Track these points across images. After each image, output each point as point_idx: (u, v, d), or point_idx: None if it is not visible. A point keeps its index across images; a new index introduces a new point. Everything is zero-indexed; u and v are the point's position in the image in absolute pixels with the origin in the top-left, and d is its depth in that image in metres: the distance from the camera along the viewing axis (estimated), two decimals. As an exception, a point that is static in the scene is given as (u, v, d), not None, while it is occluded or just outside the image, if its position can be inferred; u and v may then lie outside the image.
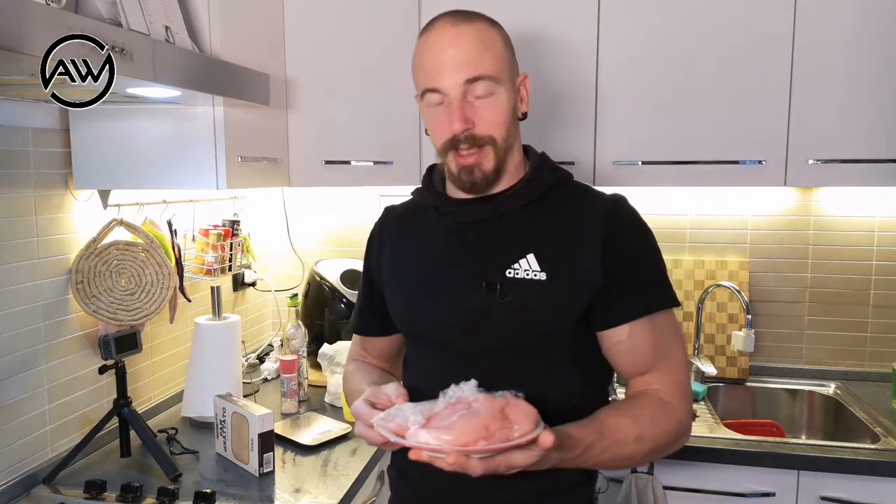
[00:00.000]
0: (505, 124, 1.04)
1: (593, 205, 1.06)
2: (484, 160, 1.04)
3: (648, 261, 1.06)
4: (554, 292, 1.02)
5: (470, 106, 1.02)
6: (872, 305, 2.05)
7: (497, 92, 1.03)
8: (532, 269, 1.03)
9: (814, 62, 1.71)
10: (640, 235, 1.07)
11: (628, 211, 1.08)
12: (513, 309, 1.03)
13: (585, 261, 1.02)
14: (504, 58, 1.05)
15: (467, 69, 1.01)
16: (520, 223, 1.07)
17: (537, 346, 1.05)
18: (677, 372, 1.05)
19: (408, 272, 1.16)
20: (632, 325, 1.03)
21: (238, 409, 1.46)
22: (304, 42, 1.82)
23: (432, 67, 1.04)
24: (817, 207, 2.07)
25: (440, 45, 1.03)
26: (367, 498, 1.53)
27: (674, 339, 1.06)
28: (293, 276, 2.36)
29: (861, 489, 1.54)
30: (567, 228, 1.05)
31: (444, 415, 0.87)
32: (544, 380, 1.04)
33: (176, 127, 1.44)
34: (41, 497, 1.36)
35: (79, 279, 1.48)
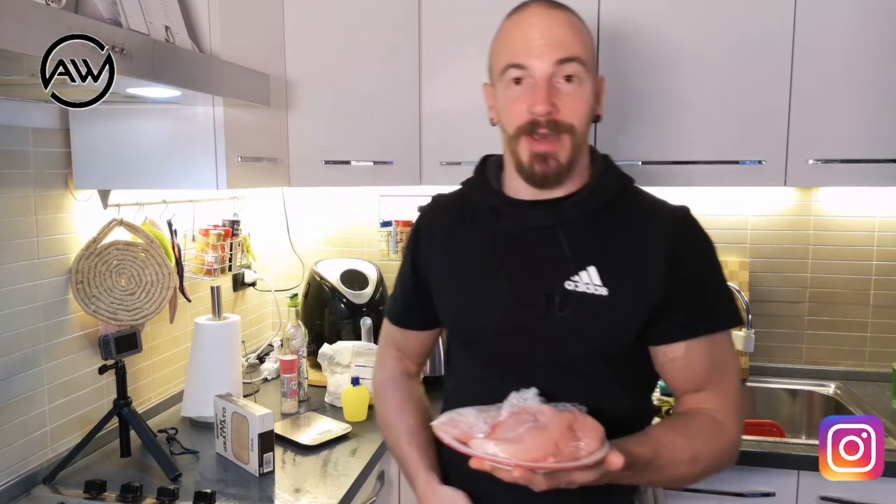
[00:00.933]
0: (586, 116, 1.00)
1: (660, 217, 1.03)
2: (560, 150, 0.98)
3: (713, 278, 1.03)
4: (614, 309, 0.99)
5: (556, 91, 0.98)
6: (872, 305, 2.05)
7: (584, 80, 0.99)
8: (593, 282, 0.99)
9: (814, 62, 1.71)
10: (706, 251, 1.04)
11: (696, 225, 1.04)
12: (570, 324, 0.99)
13: (649, 276, 0.99)
14: (592, 51, 1.02)
15: (560, 49, 0.97)
16: (582, 232, 1.02)
17: (591, 362, 1.02)
18: (731, 392, 1.02)
19: (461, 274, 1.10)
20: (688, 343, 1.00)
21: (238, 409, 1.46)
22: (304, 42, 1.81)
23: (521, 43, 0.99)
24: (817, 207, 2.07)
25: (533, 23, 0.99)
26: (367, 498, 1.53)
27: (730, 358, 1.03)
28: (293, 276, 2.36)
29: (861, 489, 1.54)
30: (632, 241, 1.01)
31: (509, 425, 0.85)
32: (592, 394, 0.99)
33: (176, 127, 1.44)
34: (41, 497, 1.36)
35: (79, 279, 1.48)
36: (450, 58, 1.89)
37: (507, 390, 0.96)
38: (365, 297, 2.13)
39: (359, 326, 2.07)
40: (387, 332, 1.28)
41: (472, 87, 1.89)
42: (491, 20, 1.85)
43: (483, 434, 0.84)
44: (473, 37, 1.89)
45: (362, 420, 1.74)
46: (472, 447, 0.84)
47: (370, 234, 2.32)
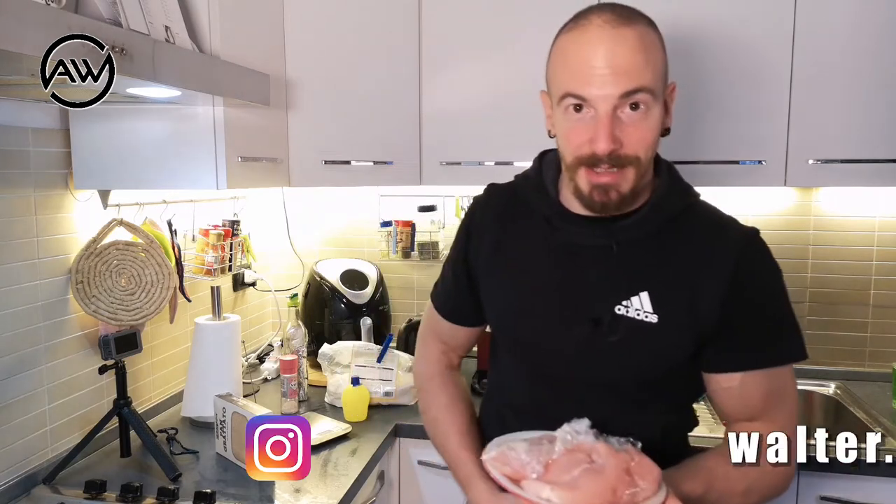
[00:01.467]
0: (653, 143, 0.92)
1: (724, 240, 0.96)
2: (622, 181, 0.91)
3: (777, 307, 0.97)
4: (662, 337, 0.95)
5: (619, 123, 0.88)
6: (872, 305, 2.05)
7: (651, 108, 0.90)
8: (644, 309, 0.95)
9: (814, 62, 1.71)
10: (771, 279, 0.97)
11: (763, 250, 0.97)
12: (617, 350, 0.96)
13: (704, 302, 0.94)
14: (664, 67, 0.92)
15: (626, 80, 0.87)
16: (637, 255, 0.97)
17: (635, 386, 1.00)
18: (787, 423, 0.96)
19: (510, 279, 1.06)
20: (749, 374, 0.95)
21: (238, 409, 1.46)
22: (304, 42, 1.81)
23: (581, 72, 0.88)
24: (817, 207, 2.07)
25: (596, 46, 0.88)
26: (366, 498, 1.53)
27: (789, 389, 0.99)
28: (293, 276, 2.36)
29: (860, 489, 1.54)
30: (689, 263, 0.95)
31: (563, 465, 0.82)
32: (636, 418, 0.98)
33: (176, 127, 1.44)
34: (41, 497, 1.36)
35: (79, 279, 1.48)
36: (450, 58, 1.89)
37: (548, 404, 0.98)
38: (365, 297, 2.13)
39: (359, 326, 2.07)
40: (433, 322, 1.23)
41: (472, 87, 1.91)
42: (491, 20, 1.86)
43: (536, 474, 0.82)
44: (473, 37, 1.90)
45: (362, 420, 1.74)
46: (525, 489, 0.81)
47: (370, 234, 2.32)
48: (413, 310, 2.29)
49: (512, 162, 1.87)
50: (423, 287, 2.32)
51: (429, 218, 2.23)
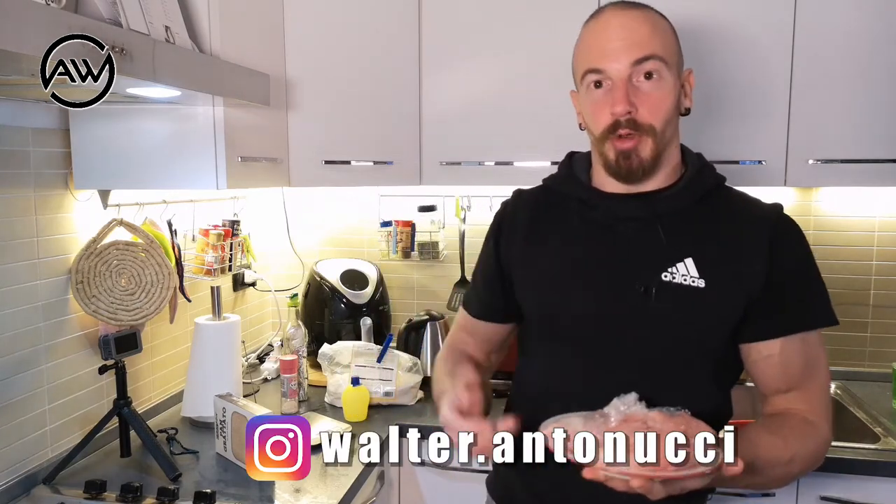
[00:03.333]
0: (667, 114, 0.99)
1: (757, 211, 1.04)
2: (642, 147, 0.98)
3: (811, 275, 1.03)
4: (712, 301, 0.98)
5: (634, 89, 0.97)
6: (872, 305, 2.05)
7: (664, 76, 0.98)
8: (690, 274, 0.98)
9: (814, 62, 1.71)
10: (804, 248, 1.03)
11: (792, 221, 1.04)
12: (667, 316, 0.99)
13: (748, 269, 0.98)
14: (674, 45, 1.02)
15: (636, 49, 0.97)
16: (679, 225, 1.01)
17: (686, 357, 1.01)
18: (822, 393, 1.03)
19: (549, 264, 1.09)
20: (785, 340, 0.99)
21: (238, 409, 1.46)
22: (304, 42, 1.81)
23: (598, 48, 1.00)
24: (817, 207, 2.07)
25: (608, 27, 1.00)
26: (367, 498, 1.53)
27: (822, 357, 1.04)
28: (293, 276, 2.36)
29: (860, 489, 1.54)
30: (729, 234, 1.01)
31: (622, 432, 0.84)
32: (686, 391, 0.99)
33: (176, 127, 1.44)
34: (41, 497, 1.36)
35: (79, 279, 1.48)
36: (450, 58, 1.89)
37: (598, 383, 0.97)
38: (365, 297, 2.13)
39: (359, 326, 2.07)
40: (463, 322, 1.25)
41: (472, 87, 1.91)
42: (491, 20, 1.86)
43: None
44: (473, 37, 1.90)
45: (362, 420, 1.74)
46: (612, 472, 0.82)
47: (370, 234, 2.32)
48: (413, 310, 2.29)
49: (512, 162, 1.87)
50: (423, 287, 2.33)
51: (429, 218, 2.23)
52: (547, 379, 1.11)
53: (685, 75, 1.05)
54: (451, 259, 2.25)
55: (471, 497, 1.60)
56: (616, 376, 1.00)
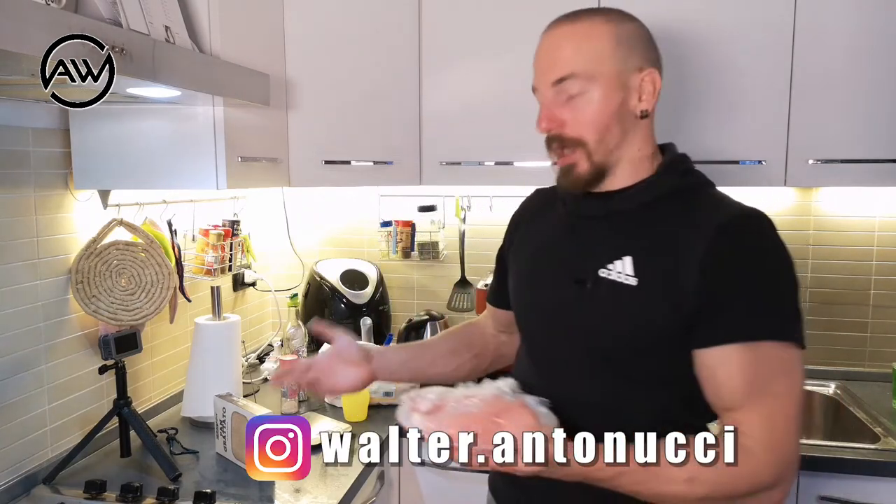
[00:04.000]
0: (598, 124, 1.01)
1: (713, 213, 0.98)
2: (577, 161, 1.02)
3: (762, 283, 0.95)
4: (640, 300, 0.98)
5: (560, 105, 1.02)
6: (872, 305, 2.05)
7: (590, 91, 1.00)
8: (625, 272, 1.00)
9: (814, 62, 1.71)
10: (757, 253, 0.96)
11: (751, 226, 0.98)
12: (597, 310, 1.02)
13: (683, 273, 0.95)
14: (608, 55, 1.01)
15: (555, 70, 1.01)
16: (628, 224, 1.03)
17: (621, 353, 1.01)
18: (776, 419, 0.92)
19: (523, 257, 1.18)
20: (725, 349, 0.93)
21: (238, 409, 1.46)
22: (304, 42, 1.81)
23: (535, 67, 1.06)
24: (817, 207, 2.07)
25: (541, 46, 1.06)
26: (366, 498, 1.53)
27: (783, 379, 0.93)
28: (293, 276, 2.36)
29: (861, 489, 1.54)
30: (672, 238, 0.99)
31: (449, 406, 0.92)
32: (627, 392, 1.00)
33: (176, 127, 1.44)
34: (41, 497, 1.36)
35: (79, 279, 1.48)
36: (450, 58, 1.89)
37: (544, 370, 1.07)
38: (365, 297, 2.13)
39: (359, 326, 2.07)
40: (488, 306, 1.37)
41: (473, 87, 1.91)
42: (491, 20, 1.86)
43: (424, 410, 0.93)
44: (474, 37, 1.90)
45: (362, 420, 1.74)
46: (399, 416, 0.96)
47: (370, 234, 2.32)
48: (413, 310, 2.29)
49: (512, 162, 1.87)
50: (423, 287, 2.33)
51: (429, 218, 2.23)
52: (518, 365, 1.20)
53: (640, 78, 1.03)
54: (451, 259, 2.25)
55: (471, 497, 1.60)
56: (555, 365, 1.07)
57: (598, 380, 1.02)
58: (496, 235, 2.25)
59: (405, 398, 0.97)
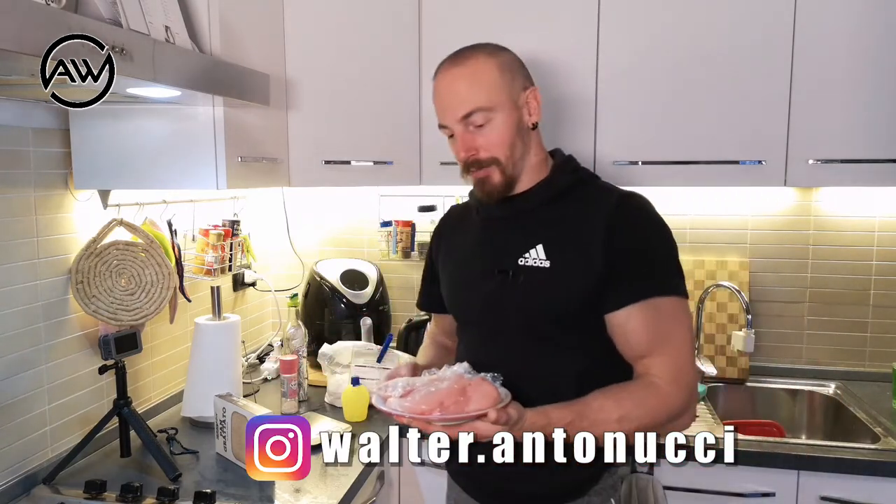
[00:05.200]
0: (505, 143, 1.17)
1: (603, 199, 1.17)
2: (492, 175, 1.18)
3: (651, 250, 1.15)
4: (556, 278, 1.15)
5: (471, 135, 1.17)
6: (872, 305, 2.05)
7: (493, 118, 1.16)
8: (539, 258, 1.17)
9: (814, 62, 1.71)
10: (644, 226, 1.15)
11: (635, 205, 1.17)
12: (521, 292, 1.17)
13: (588, 249, 1.13)
14: (499, 85, 1.17)
15: (460, 107, 1.16)
16: (535, 218, 1.20)
17: (545, 326, 1.17)
18: (676, 358, 1.11)
19: (452, 262, 1.33)
20: (629, 309, 1.11)
21: (238, 409, 1.46)
22: (304, 42, 1.81)
23: (438, 108, 1.21)
24: (817, 207, 2.07)
25: (439, 89, 1.20)
26: (366, 498, 1.53)
27: (676, 326, 1.13)
28: (293, 276, 2.36)
29: (861, 489, 1.54)
30: (575, 221, 1.17)
31: (419, 389, 1.02)
32: (554, 359, 1.17)
33: (176, 127, 1.44)
34: (41, 497, 1.36)
35: (79, 279, 1.48)
36: (450, 58, 1.89)
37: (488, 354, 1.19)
38: (365, 297, 2.13)
39: (359, 326, 2.07)
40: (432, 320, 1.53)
41: (472, 87, 1.91)
42: (491, 20, 1.86)
43: (397, 395, 1.02)
44: (473, 37, 1.88)
45: (362, 420, 1.74)
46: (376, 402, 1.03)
47: (370, 234, 2.32)
48: (413, 310, 2.29)
49: (512, 162, 1.87)
50: (423, 287, 2.33)
51: (429, 218, 2.23)
52: (463, 354, 1.28)
53: (526, 96, 1.19)
54: (451, 259, 2.25)
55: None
56: (497, 347, 1.21)
57: (529, 351, 1.18)
58: (496, 235, 2.25)
59: (374, 388, 1.06)
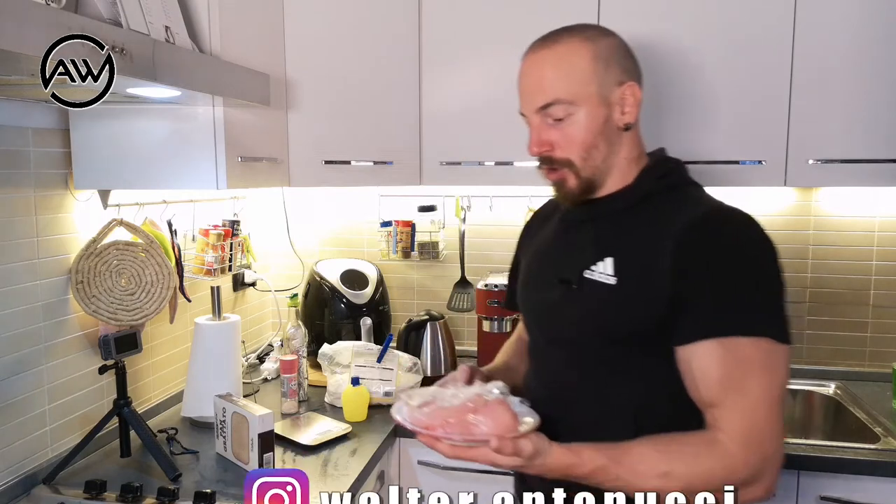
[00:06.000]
0: (584, 144, 1.05)
1: (682, 213, 1.02)
2: (567, 178, 1.08)
3: (733, 281, 0.97)
4: (619, 297, 1.02)
5: (547, 129, 1.06)
6: (872, 305, 2.05)
7: (575, 113, 1.04)
8: (606, 272, 1.04)
9: (814, 62, 1.71)
10: (725, 252, 0.98)
11: (719, 223, 1.01)
12: (580, 307, 1.07)
13: (656, 270, 0.99)
14: (588, 76, 1.04)
15: (539, 97, 1.05)
16: (611, 227, 1.09)
17: (603, 349, 1.06)
18: (750, 414, 0.93)
19: (526, 261, 1.26)
20: (697, 346, 0.95)
21: (238, 409, 1.46)
22: (304, 42, 1.81)
23: (520, 94, 1.10)
24: (817, 207, 2.07)
25: (523, 71, 1.09)
26: (366, 498, 1.53)
27: (756, 374, 0.93)
28: (293, 276, 2.36)
29: (861, 489, 1.54)
30: (648, 236, 1.03)
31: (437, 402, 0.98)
32: (609, 388, 1.05)
33: (176, 127, 1.44)
34: (41, 497, 1.36)
35: (79, 279, 1.48)
36: (450, 58, 1.89)
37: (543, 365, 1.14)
38: (365, 297, 2.13)
39: (359, 326, 2.07)
40: None
41: (473, 87, 1.91)
42: (491, 20, 1.86)
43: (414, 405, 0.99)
44: (473, 37, 1.90)
45: (362, 420, 1.74)
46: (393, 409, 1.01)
47: (370, 234, 2.32)
48: (413, 310, 2.29)
49: (512, 162, 1.87)
50: (423, 287, 2.33)
51: (429, 218, 2.23)
52: (527, 360, 1.24)
53: (621, 92, 1.06)
54: (451, 259, 2.25)
55: (470, 497, 1.60)
56: (549, 363, 1.14)
57: (581, 375, 1.08)
58: (496, 235, 2.27)
59: (402, 394, 1.03)
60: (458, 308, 2.20)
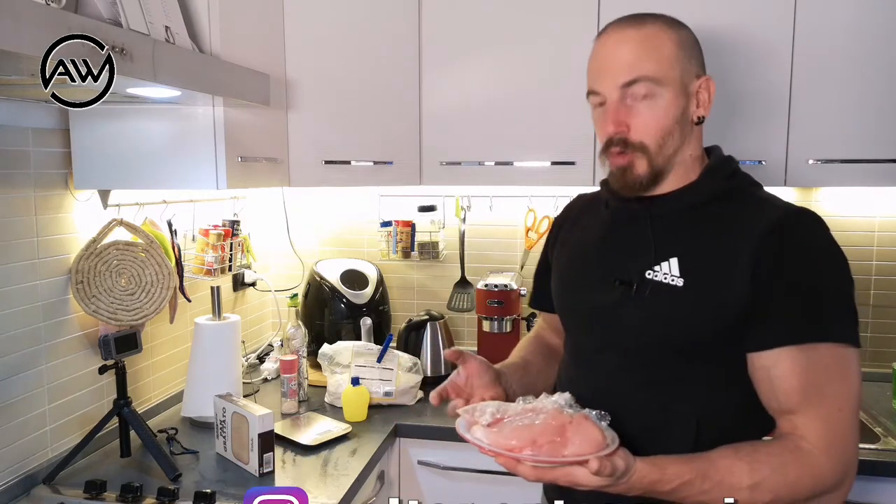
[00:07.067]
0: (662, 130, 1.01)
1: (760, 215, 0.98)
2: (636, 163, 1.02)
3: (813, 286, 0.94)
4: (687, 301, 0.98)
5: (626, 109, 1.01)
6: (872, 305, 2.05)
7: (658, 94, 1.00)
8: (671, 273, 1.00)
9: (814, 62, 1.71)
10: (807, 256, 0.96)
11: (801, 226, 0.98)
12: (643, 311, 1.01)
13: (732, 275, 0.95)
14: (675, 60, 1.02)
15: (624, 73, 1.00)
16: (673, 226, 1.04)
17: (666, 355, 1.01)
18: (834, 422, 0.91)
19: (566, 259, 1.19)
20: (778, 352, 0.93)
21: (238, 409, 1.46)
22: (304, 42, 1.81)
23: (594, 70, 1.05)
24: (817, 207, 2.05)
25: (602, 49, 1.04)
26: (366, 498, 1.53)
27: (838, 380, 0.92)
28: (293, 276, 2.36)
29: (860, 489, 1.53)
30: (720, 238, 0.99)
31: (512, 420, 0.90)
32: (671, 397, 1.00)
33: (176, 127, 1.44)
34: (41, 497, 1.36)
35: (79, 279, 1.48)
36: (450, 57, 1.89)
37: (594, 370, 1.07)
38: (365, 297, 2.13)
39: (359, 326, 2.07)
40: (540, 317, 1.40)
41: (473, 87, 1.91)
42: (491, 20, 1.86)
43: (485, 423, 0.91)
44: (474, 36, 1.90)
45: (362, 420, 1.74)
46: (460, 429, 0.93)
47: (370, 234, 2.32)
48: (413, 310, 2.29)
49: (512, 162, 1.87)
50: (423, 287, 2.33)
51: (429, 218, 2.23)
52: (566, 365, 1.18)
53: (698, 85, 1.04)
54: (451, 259, 2.25)
55: (471, 497, 1.61)
56: (601, 371, 1.06)
57: (641, 382, 1.02)
58: (496, 235, 2.27)
59: (463, 412, 0.96)
60: (458, 308, 2.20)
